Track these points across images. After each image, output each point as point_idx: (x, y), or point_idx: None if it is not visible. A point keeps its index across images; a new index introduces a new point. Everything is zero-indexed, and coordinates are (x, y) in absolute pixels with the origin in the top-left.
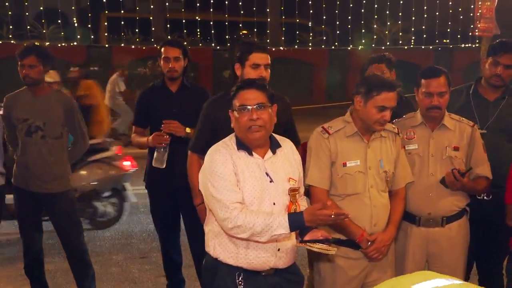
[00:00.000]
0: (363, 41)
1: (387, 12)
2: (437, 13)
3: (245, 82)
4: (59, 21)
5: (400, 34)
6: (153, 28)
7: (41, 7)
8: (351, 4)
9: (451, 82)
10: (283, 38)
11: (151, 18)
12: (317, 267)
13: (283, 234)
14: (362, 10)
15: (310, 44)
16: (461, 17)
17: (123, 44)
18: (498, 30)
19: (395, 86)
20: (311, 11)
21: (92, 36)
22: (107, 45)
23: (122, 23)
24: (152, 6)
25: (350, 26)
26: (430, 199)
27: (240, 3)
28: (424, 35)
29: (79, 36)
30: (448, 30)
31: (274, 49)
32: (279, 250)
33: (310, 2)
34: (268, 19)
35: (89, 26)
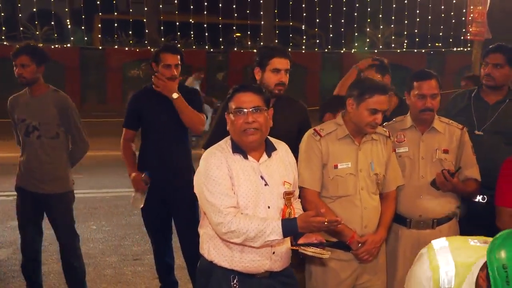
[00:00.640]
0: (356, 44)
1: (380, 15)
2: (429, 17)
3: (241, 85)
4: (53, 22)
5: (393, 37)
6: (146, 30)
7: (34, 8)
8: (344, 8)
9: (441, 86)
10: (276, 41)
11: (144, 20)
12: (308, 270)
13: (276, 240)
14: (355, 14)
15: (304, 47)
16: (453, 21)
17: (116, 46)
18: (490, 34)
19: (387, 89)
20: (304, 14)
21: (86, 38)
22: (100, 47)
23: (116, 25)
24: (145, 8)
25: (343, 30)
26: (420, 202)
27: (234, 6)
28: (417, 39)
29: (72, 38)
30: (441, 34)
31: None
32: (274, 253)
33: (304, 5)
34: (262, 22)
35: (82, 28)
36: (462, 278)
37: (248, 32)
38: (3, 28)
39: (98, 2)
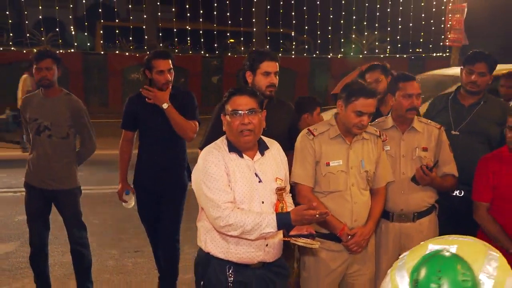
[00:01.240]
0: (342, 49)
1: (365, 23)
2: (410, 24)
3: (237, 89)
4: (57, 29)
5: (377, 43)
6: (146, 37)
7: (40, 16)
8: (331, 15)
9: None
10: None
11: (144, 27)
12: (302, 260)
13: (271, 232)
14: (342, 21)
15: (293, 52)
16: (433, 28)
17: (117, 51)
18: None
19: (374, 93)
20: (294, 21)
21: (89, 44)
22: (102, 52)
23: (117, 31)
24: (145, 16)
25: (330, 36)
26: (402, 196)
27: (228, 14)
28: (399, 45)
29: (76, 44)
30: (421, 40)
31: None
32: (267, 245)
33: (293, 13)
34: (254, 29)
35: (85, 34)
36: None
37: (241, 38)
38: (11, 34)
39: (100, 10)
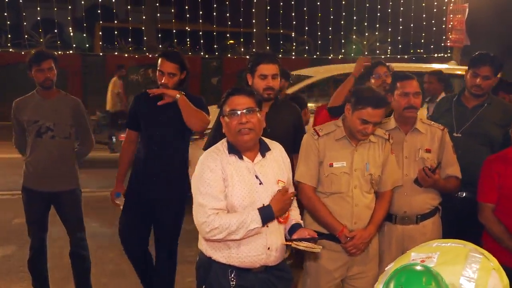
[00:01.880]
0: (343, 50)
1: (365, 23)
2: (411, 25)
3: (234, 89)
4: (56, 30)
5: (378, 44)
6: (145, 38)
7: (38, 17)
8: (331, 16)
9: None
10: (267, 48)
11: (143, 28)
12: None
13: (256, 228)
14: (342, 22)
15: (293, 53)
16: (434, 29)
17: (116, 53)
18: (468, 41)
19: (383, 104)
20: (294, 22)
21: (87, 45)
22: (101, 53)
23: (116, 32)
24: (144, 17)
25: (330, 37)
26: (405, 198)
27: (228, 15)
28: (400, 45)
29: (74, 45)
30: (422, 40)
31: None
32: (269, 248)
33: (293, 14)
34: (254, 30)
35: (84, 35)
36: None
37: (241, 39)
38: (9, 36)
39: (99, 11)
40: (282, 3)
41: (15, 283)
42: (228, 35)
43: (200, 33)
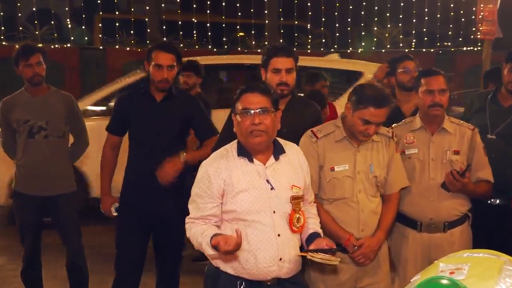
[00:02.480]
0: (363, 43)
1: (388, 14)
2: (438, 15)
3: (249, 86)
4: (52, 22)
5: (401, 36)
6: (148, 30)
7: (33, 8)
8: (350, 6)
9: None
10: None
11: (146, 19)
12: (307, 271)
13: (215, 254)
14: (362, 12)
15: (309, 46)
16: (462, 19)
17: (117, 46)
18: (500, 33)
19: (385, 102)
20: (309, 13)
21: (86, 38)
22: (101, 47)
23: (117, 24)
24: (147, 8)
25: (349, 29)
26: (431, 204)
27: (238, 5)
28: (425, 38)
29: (72, 38)
30: (450, 32)
31: None
32: (281, 259)
33: (309, 4)
34: (266, 21)
35: (83, 27)
36: None
37: (252, 32)
38: (2, 28)
39: (99, 1)
40: None
41: None
42: (238, 27)
43: (208, 25)
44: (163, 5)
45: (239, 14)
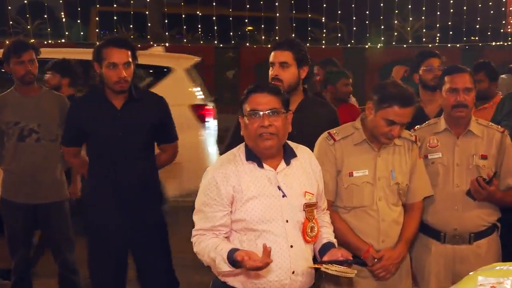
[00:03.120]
0: (382, 38)
1: (409, 6)
2: (464, 7)
3: (257, 85)
4: (45, 15)
5: (424, 30)
6: (149, 24)
7: (25, 0)
8: None
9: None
10: (293, 35)
11: (147, 12)
12: (322, 285)
13: (229, 270)
14: (381, 4)
15: (324, 41)
16: (491, 12)
17: None
18: None
19: (411, 101)
20: (324, 5)
21: (82, 33)
22: (98, 42)
23: (115, 18)
24: (148, 0)
25: (367, 22)
26: (455, 213)
27: None
28: (450, 32)
29: (67, 33)
30: (477, 26)
31: None
32: (293, 272)
33: None
34: (277, 14)
35: (78, 21)
36: None
37: (262, 26)
38: None
39: None
40: None
41: None
42: (246, 20)
43: (214, 18)
44: None
45: (248, 6)
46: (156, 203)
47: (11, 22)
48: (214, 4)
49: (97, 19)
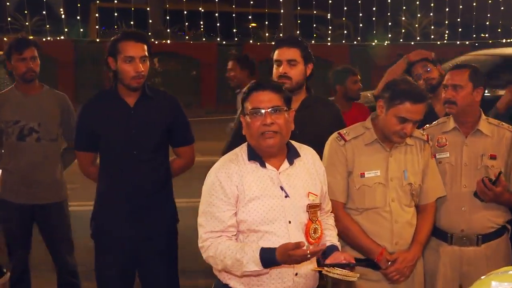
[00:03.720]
0: (389, 35)
1: (417, 2)
2: (474, 4)
3: (258, 83)
4: (44, 12)
5: (432, 27)
6: (150, 21)
7: None
8: None
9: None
10: (298, 32)
11: (148, 9)
12: None
13: (257, 270)
14: (388, 1)
15: (329, 38)
16: (502, 8)
17: None
18: None
19: (423, 98)
20: (330, 1)
21: (81, 30)
22: (98, 39)
23: (115, 14)
24: None
25: (374, 19)
26: (463, 214)
27: None
28: (460, 29)
29: (66, 30)
30: (487, 23)
31: None
32: (296, 275)
33: None
34: (281, 11)
35: (77, 18)
36: None
37: (266, 22)
38: None
39: None
40: None
41: None
42: (250, 17)
43: (217, 14)
44: None
45: (251, 2)
46: (169, 209)
47: (9, 19)
48: (217, 0)
49: (96, 15)
